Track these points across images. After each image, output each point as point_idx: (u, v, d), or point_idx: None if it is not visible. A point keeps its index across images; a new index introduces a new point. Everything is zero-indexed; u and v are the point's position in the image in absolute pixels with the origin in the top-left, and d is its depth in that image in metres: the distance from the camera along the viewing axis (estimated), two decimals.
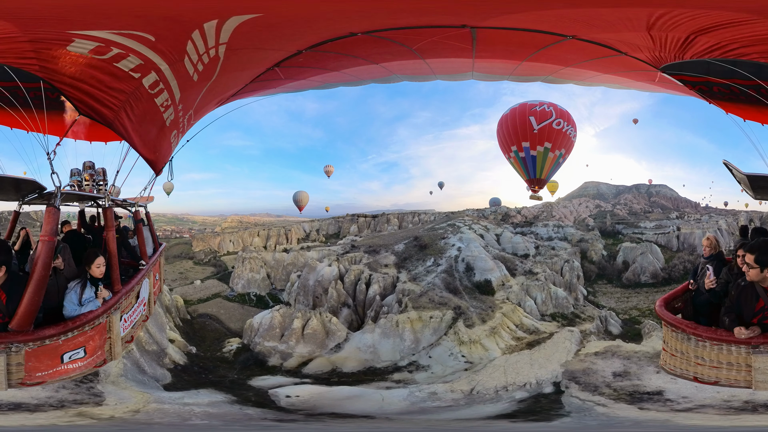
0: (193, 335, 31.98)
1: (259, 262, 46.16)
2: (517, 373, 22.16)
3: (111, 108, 4.98)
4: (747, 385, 4.30)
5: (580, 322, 34.11)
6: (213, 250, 58.98)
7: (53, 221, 4.38)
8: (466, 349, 27.42)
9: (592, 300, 41.68)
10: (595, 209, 73.66)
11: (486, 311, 31.77)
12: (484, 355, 26.58)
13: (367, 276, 37.71)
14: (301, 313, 29.79)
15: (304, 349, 27.82)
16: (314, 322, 28.85)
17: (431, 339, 28.40)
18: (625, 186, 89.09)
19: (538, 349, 25.64)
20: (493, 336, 28.87)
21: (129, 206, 7.14)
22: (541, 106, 25.59)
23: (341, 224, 69.24)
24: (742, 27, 3.92)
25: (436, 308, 30.90)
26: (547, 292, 36.87)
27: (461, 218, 51.91)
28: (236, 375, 24.98)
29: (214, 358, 28.12)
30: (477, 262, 38.59)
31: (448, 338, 28.31)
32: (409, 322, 29.12)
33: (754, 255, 4.21)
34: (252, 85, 7.52)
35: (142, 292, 6.35)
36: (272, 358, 27.37)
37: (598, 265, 48.02)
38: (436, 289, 34.35)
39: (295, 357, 27.24)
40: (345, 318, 34.58)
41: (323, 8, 4.91)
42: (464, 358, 26.57)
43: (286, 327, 28.82)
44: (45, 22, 3.75)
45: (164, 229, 78.08)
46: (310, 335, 28.48)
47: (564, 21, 5.17)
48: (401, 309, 31.72)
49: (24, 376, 4.09)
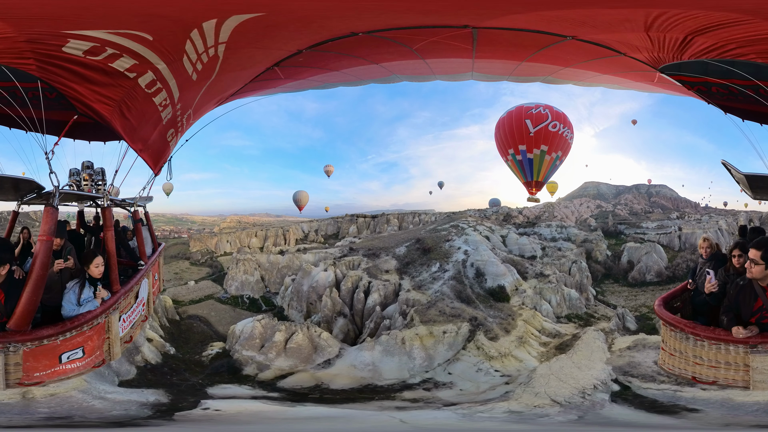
0: (177, 336, 31.06)
1: (253, 264, 44.94)
2: (573, 378, 21.27)
3: (109, 108, 4.98)
4: (745, 385, 4.30)
5: (596, 321, 33.55)
6: (210, 251, 58.37)
7: (52, 221, 4.37)
8: (498, 363, 24.97)
9: (601, 299, 41.42)
10: (596, 209, 73.72)
11: (506, 320, 29.53)
12: (521, 366, 24.68)
13: (365, 284, 34.96)
14: (285, 326, 27.23)
15: (285, 362, 25.57)
16: (299, 337, 26.47)
17: (447, 355, 25.80)
18: (625, 186, 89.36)
19: (572, 351, 24.70)
20: (522, 346, 27.04)
21: (128, 206, 7.13)
22: (537, 109, 25.70)
23: (340, 225, 68.75)
24: (738, 27, 3.93)
25: (448, 321, 28.00)
26: (560, 294, 35.78)
27: (464, 219, 50.29)
28: (200, 380, 23.93)
29: (190, 360, 27.08)
30: (488, 267, 36.13)
31: (469, 353, 25.91)
32: (419, 338, 26.26)
33: (761, 251, 4.14)
34: (251, 84, 7.51)
35: (141, 292, 6.34)
36: (248, 367, 25.51)
37: (603, 265, 48.20)
38: (446, 298, 31.56)
39: (272, 369, 25.14)
40: (340, 328, 32.31)
41: (326, 8, 4.90)
42: (498, 372, 24.40)
43: (267, 338, 26.73)
44: (41, 22, 3.74)
45: (162, 229, 78.02)
46: (294, 349, 26.10)
47: (563, 21, 5.17)
48: (406, 322, 28.94)
49: (22, 376, 4.09)
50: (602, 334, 26.96)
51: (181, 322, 34.76)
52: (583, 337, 26.77)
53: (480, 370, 24.53)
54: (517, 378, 23.05)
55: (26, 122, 4.72)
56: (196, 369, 25.74)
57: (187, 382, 23.37)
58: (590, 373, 21.47)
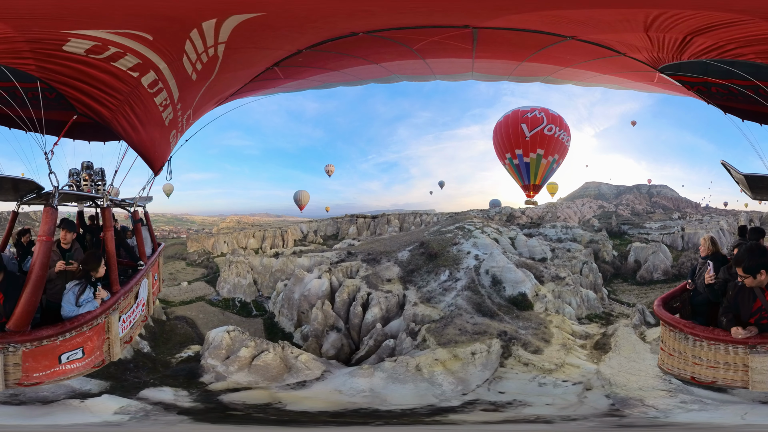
0: (159, 336, 30.12)
1: (246, 267, 43.09)
2: (641, 370, 20.98)
3: (109, 107, 4.97)
4: (744, 385, 4.31)
5: (615, 319, 32.96)
6: (207, 251, 57.36)
7: (51, 221, 4.38)
8: (561, 374, 22.92)
9: (614, 298, 41.51)
10: (598, 210, 73.66)
11: (539, 329, 27.19)
12: (583, 372, 22.91)
13: (364, 295, 31.60)
14: (254, 342, 24.47)
15: (246, 377, 23.00)
16: (269, 356, 23.69)
17: (484, 375, 22.89)
18: (625, 186, 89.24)
19: (616, 348, 24.23)
20: (570, 352, 25.26)
21: (128, 206, 7.13)
22: (532, 113, 25.82)
23: (339, 225, 67.91)
24: (737, 27, 3.93)
25: (472, 340, 24.86)
26: (579, 295, 34.76)
27: (469, 220, 47.40)
28: (152, 379, 22.81)
29: (159, 360, 26.14)
30: (505, 274, 33.05)
31: (513, 369, 23.32)
32: (440, 364, 23.04)
33: (741, 266, 4.21)
34: (251, 84, 7.51)
35: (141, 292, 6.34)
36: (207, 375, 23.60)
37: (612, 265, 48.63)
38: (464, 313, 28.23)
39: (227, 382, 22.84)
40: (332, 343, 28.88)
41: (327, 8, 4.90)
42: (567, 383, 22.09)
43: (234, 351, 24.45)
44: (40, 22, 3.74)
45: (162, 229, 77.74)
46: (260, 366, 23.39)
47: (563, 22, 5.18)
48: (416, 343, 25.65)
49: (21, 377, 4.09)
50: (631, 329, 26.69)
51: (167, 322, 33.58)
52: (616, 333, 26.39)
53: (544, 384, 22.29)
54: (590, 382, 21.87)
55: (26, 122, 4.73)
56: (159, 369, 24.84)
57: (136, 379, 22.53)
58: (647, 363, 21.32)
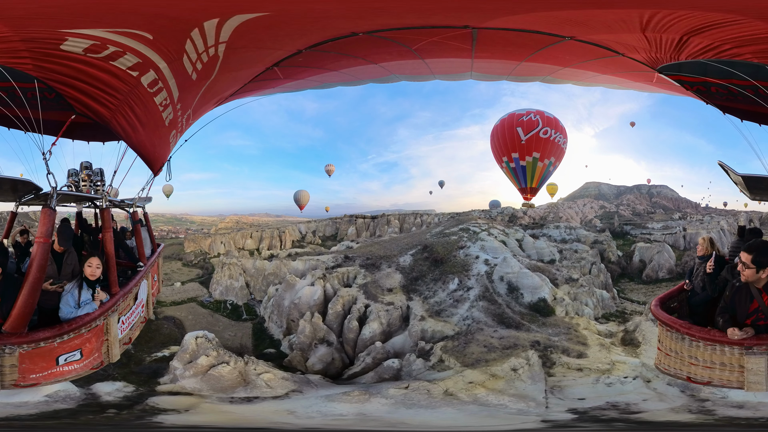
0: (143, 335, 29.24)
1: (239, 269, 42.10)
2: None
3: (108, 107, 4.97)
4: (739, 386, 4.32)
5: (630, 317, 33.06)
6: (203, 252, 56.69)
7: (49, 222, 4.37)
8: (620, 371, 22.24)
9: (624, 297, 42.05)
10: (600, 210, 73.59)
11: (570, 334, 26.06)
12: (631, 366, 22.44)
13: (361, 308, 28.60)
14: (216, 353, 23.06)
15: (194, 384, 21.83)
16: (226, 369, 22.27)
17: (540, 386, 21.35)
18: (626, 186, 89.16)
19: (645, 342, 24.32)
20: (609, 350, 24.75)
21: (127, 207, 7.12)
22: (528, 116, 25.93)
23: (338, 225, 66.81)
24: (732, 27, 3.94)
25: (504, 356, 22.76)
26: (594, 296, 34.68)
27: (473, 222, 45.08)
28: (116, 373, 22.77)
29: (135, 357, 26.05)
30: (521, 280, 31.00)
31: (568, 376, 21.90)
32: (478, 386, 21.12)
33: (751, 255, 4.16)
34: (251, 84, 7.50)
35: (140, 293, 6.33)
36: (165, 376, 23.11)
37: (618, 264, 49.22)
38: (485, 327, 25.74)
39: (175, 385, 22.06)
40: (320, 357, 26.06)
41: (331, 8, 4.90)
42: (627, 379, 21.50)
43: (195, 357, 23.54)
44: (37, 21, 3.74)
45: (161, 229, 77.36)
46: (214, 377, 22.00)
47: (562, 22, 5.19)
48: (431, 365, 23.00)
49: (18, 378, 4.10)
50: (651, 323, 26.47)
51: (154, 321, 32.93)
52: (639, 328, 26.49)
53: (612, 384, 21.27)
54: (644, 375, 21.78)
55: (24, 122, 4.72)
56: (130, 365, 24.89)
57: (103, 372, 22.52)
58: None
